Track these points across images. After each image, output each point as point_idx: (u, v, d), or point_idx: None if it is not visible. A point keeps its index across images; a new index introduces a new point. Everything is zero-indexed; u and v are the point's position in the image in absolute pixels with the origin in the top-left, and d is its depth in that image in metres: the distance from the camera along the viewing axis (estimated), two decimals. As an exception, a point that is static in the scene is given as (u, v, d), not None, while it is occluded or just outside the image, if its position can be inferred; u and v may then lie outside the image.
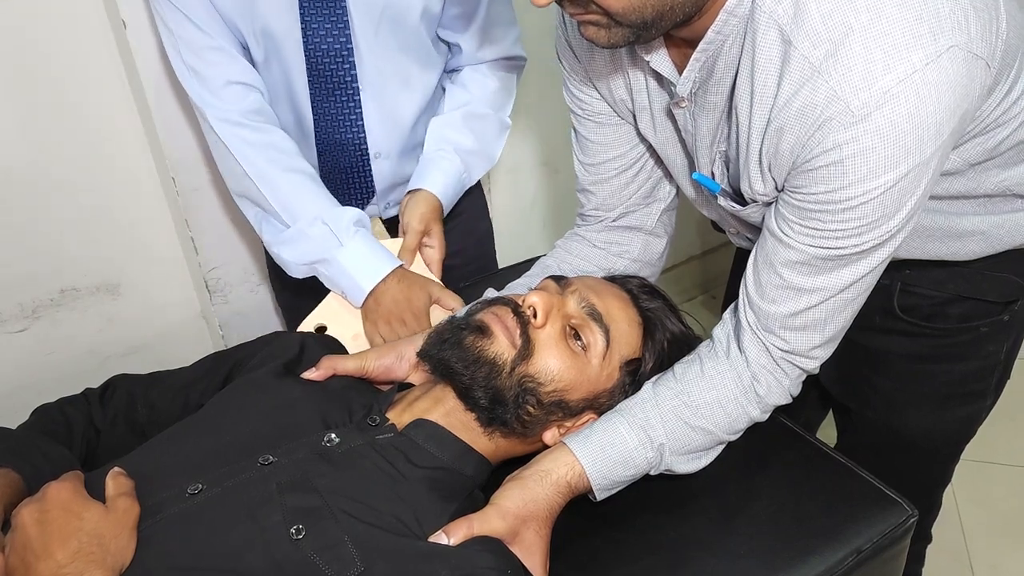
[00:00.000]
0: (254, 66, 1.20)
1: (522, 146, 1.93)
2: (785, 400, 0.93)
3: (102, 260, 1.47)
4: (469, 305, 1.05)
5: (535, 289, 0.96)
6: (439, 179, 1.29)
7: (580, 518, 0.93)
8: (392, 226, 1.36)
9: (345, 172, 1.31)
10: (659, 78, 0.92)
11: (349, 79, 1.21)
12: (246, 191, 1.21)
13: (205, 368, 1.05)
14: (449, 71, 1.37)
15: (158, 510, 0.79)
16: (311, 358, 1.02)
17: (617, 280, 1.03)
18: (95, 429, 0.99)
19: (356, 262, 1.17)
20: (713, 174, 0.94)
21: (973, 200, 0.95)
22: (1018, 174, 0.93)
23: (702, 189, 1.00)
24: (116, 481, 0.79)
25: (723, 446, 0.95)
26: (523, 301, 0.93)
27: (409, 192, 1.30)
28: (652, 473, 0.92)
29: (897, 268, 0.88)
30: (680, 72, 0.86)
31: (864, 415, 1.21)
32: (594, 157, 1.08)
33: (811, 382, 0.95)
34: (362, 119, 1.26)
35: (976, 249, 0.99)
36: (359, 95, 1.24)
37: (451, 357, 0.90)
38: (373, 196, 1.35)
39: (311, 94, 1.23)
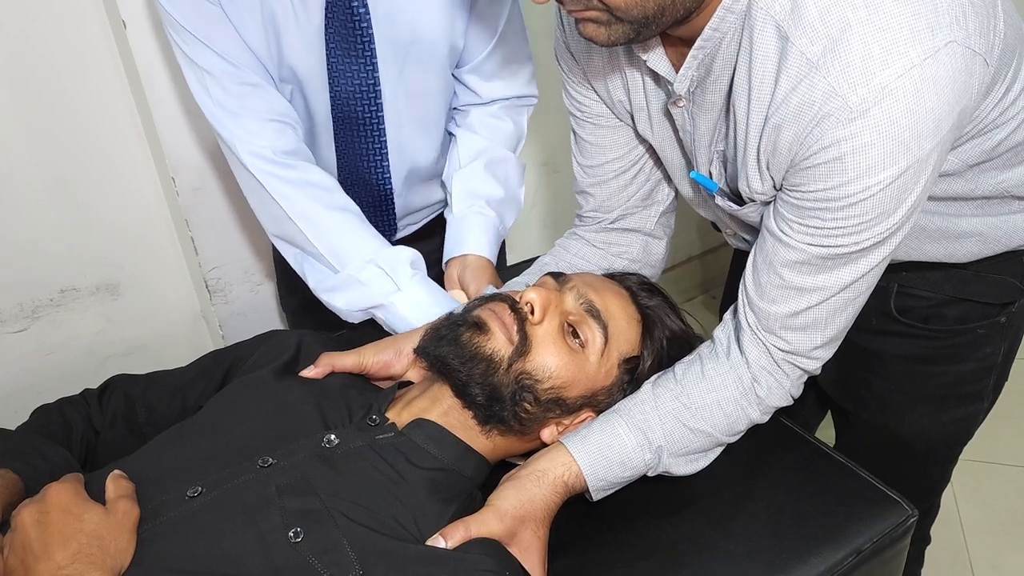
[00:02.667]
0: None
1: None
2: (786, 402, 0.92)
3: (102, 260, 1.47)
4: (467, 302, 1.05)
5: (533, 285, 0.95)
6: (482, 239, 1.22)
7: (579, 518, 0.93)
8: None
9: (368, 210, 1.25)
10: (656, 78, 0.91)
11: (376, 120, 1.18)
12: (287, 234, 1.16)
13: (202, 368, 1.05)
14: (454, 108, 1.31)
15: (157, 513, 0.79)
16: (308, 355, 1.01)
17: (616, 277, 1.03)
18: (94, 430, 0.99)
19: (415, 307, 1.11)
20: (711, 174, 0.94)
21: (971, 202, 0.95)
22: (1016, 176, 0.93)
23: (700, 189, 1.00)
24: (116, 483, 0.79)
25: (721, 448, 0.95)
26: (521, 297, 0.92)
27: (456, 257, 1.23)
28: (649, 474, 0.91)
29: (894, 270, 0.88)
30: (677, 71, 0.86)
31: (861, 417, 1.21)
32: (593, 159, 1.08)
33: (809, 384, 0.95)
34: (387, 159, 1.23)
35: (973, 251, 0.99)
36: (384, 136, 1.20)
37: (448, 354, 0.90)
38: (395, 235, 1.31)
39: (335, 133, 1.20)
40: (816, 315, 0.85)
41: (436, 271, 1.23)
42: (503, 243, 1.52)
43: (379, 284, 1.11)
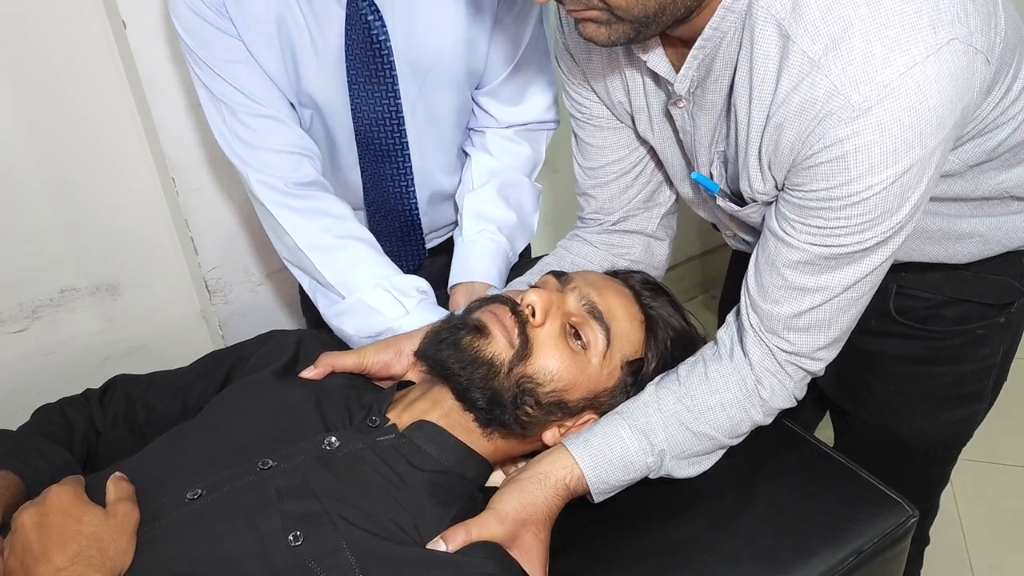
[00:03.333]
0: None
1: (522, 146, 1.93)
2: (789, 403, 0.92)
3: (102, 260, 1.47)
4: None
5: (534, 286, 0.95)
6: (491, 267, 1.20)
7: (580, 519, 0.93)
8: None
9: (396, 235, 1.26)
10: (656, 78, 0.91)
11: (399, 146, 1.17)
12: (298, 262, 1.16)
13: (203, 368, 1.05)
14: (470, 129, 1.28)
15: (157, 515, 0.79)
16: (308, 356, 1.01)
17: (619, 275, 1.02)
18: (95, 431, 0.99)
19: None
20: (711, 174, 0.94)
21: (971, 202, 0.95)
22: (1015, 176, 0.93)
23: (700, 190, 1.00)
24: (116, 485, 0.79)
25: (723, 451, 0.94)
26: (522, 299, 0.91)
27: (463, 284, 1.20)
28: (651, 477, 0.91)
29: (893, 271, 0.88)
30: (677, 71, 0.85)
31: (860, 418, 1.21)
32: (593, 161, 1.07)
33: (808, 384, 0.95)
34: (412, 184, 1.21)
35: (973, 251, 0.99)
36: (409, 161, 1.18)
37: (448, 358, 0.89)
38: (424, 258, 1.30)
39: (360, 161, 1.18)
40: (819, 315, 0.85)
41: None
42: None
43: (388, 308, 1.10)
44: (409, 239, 1.28)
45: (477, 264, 1.20)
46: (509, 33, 1.14)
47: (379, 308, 1.10)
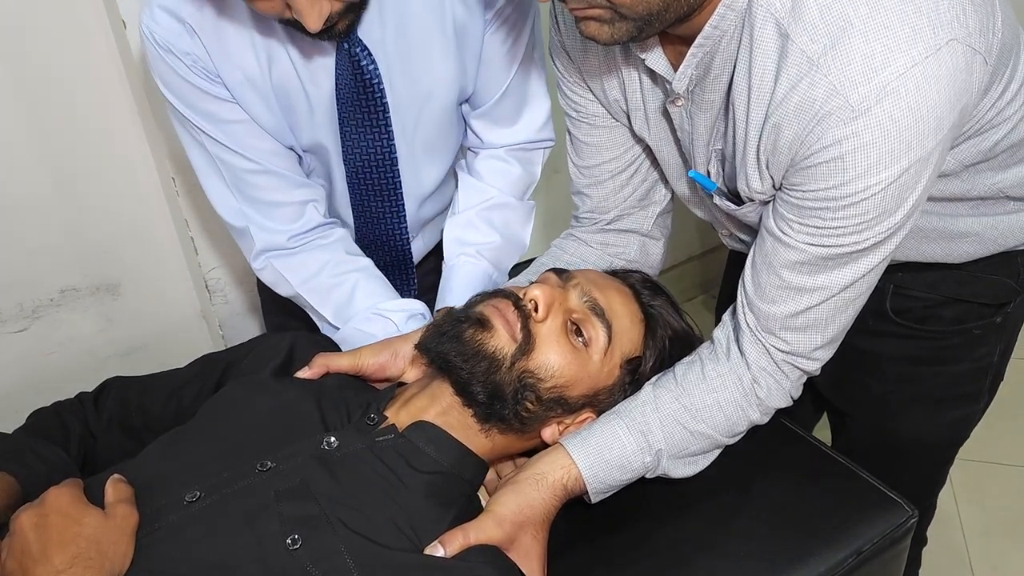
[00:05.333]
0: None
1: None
2: (786, 402, 0.92)
3: (102, 260, 1.47)
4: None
5: (536, 282, 0.94)
6: (467, 290, 1.17)
7: (579, 519, 0.93)
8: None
9: (387, 268, 1.24)
10: (653, 77, 0.91)
11: (392, 185, 1.16)
12: (298, 299, 1.18)
13: (196, 370, 1.04)
14: (464, 147, 1.27)
15: (156, 518, 0.79)
16: (302, 357, 1.01)
17: (619, 275, 1.02)
18: (91, 434, 0.99)
19: None
20: (709, 173, 0.94)
21: (967, 202, 0.95)
22: (1012, 176, 0.93)
23: (697, 189, 0.99)
24: (115, 488, 0.79)
25: (720, 450, 0.94)
26: (524, 294, 0.91)
27: (441, 309, 1.16)
28: (648, 476, 0.91)
29: (890, 271, 0.88)
30: (675, 70, 0.85)
31: (857, 418, 1.21)
32: (589, 159, 1.07)
33: (805, 384, 0.95)
34: (405, 220, 1.20)
35: (970, 251, 0.99)
36: (402, 199, 1.18)
37: (450, 351, 0.88)
38: (415, 292, 1.30)
39: (352, 200, 1.18)
40: (816, 315, 0.85)
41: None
42: None
43: (379, 330, 1.11)
44: (400, 271, 1.28)
45: (455, 288, 1.19)
46: (499, 56, 1.13)
47: (372, 332, 1.11)
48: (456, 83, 1.11)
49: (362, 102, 1.07)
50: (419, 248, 1.30)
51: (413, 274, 1.28)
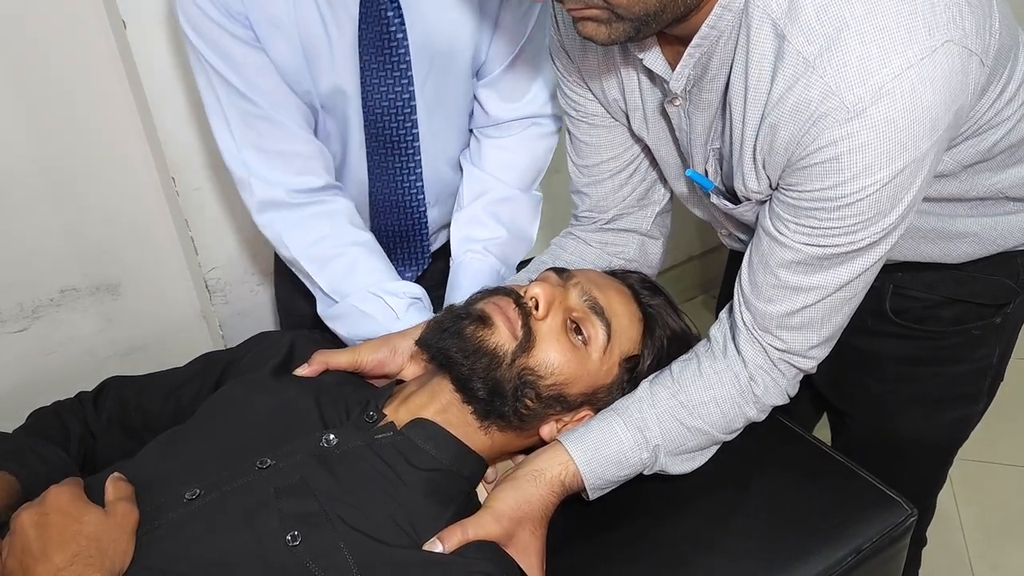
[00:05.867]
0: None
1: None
2: (783, 400, 0.92)
3: (102, 260, 1.47)
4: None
5: (536, 280, 0.95)
6: (475, 286, 1.15)
7: (578, 517, 0.93)
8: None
9: (400, 236, 1.25)
10: (652, 76, 0.91)
11: (410, 137, 1.15)
12: (296, 267, 1.17)
13: (196, 370, 1.04)
14: (470, 130, 1.26)
15: (156, 516, 0.79)
16: (302, 355, 1.01)
17: (618, 275, 1.02)
18: (91, 434, 0.99)
19: None
20: (707, 172, 0.94)
21: (965, 203, 0.95)
22: (1010, 177, 0.93)
23: (695, 187, 1.00)
24: (116, 486, 0.79)
25: (717, 447, 0.95)
26: (525, 292, 0.92)
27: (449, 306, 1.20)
28: (646, 473, 0.91)
29: (889, 271, 0.88)
30: (673, 69, 0.85)
31: (857, 418, 1.21)
32: (588, 159, 1.07)
33: (805, 384, 0.95)
34: (421, 178, 1.19)
35: (968, 251, 0.99)
36: (419, 154, 1.17)
37: (451, 347, 0.89)
38: (429, 261, 1.29)
39: (368, 153, 1.17)
40: (812, 314, 0.85)
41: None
42: None
43: (379, 313, 1.11)
44: (413, 238, 1.26)
45: (465, 284, 1.19)
46: (512, 25, 1.14)
47: (371, 313, 1.11)
48: (472, 41, 1.12)
49: (384, 44, 1.07)
50: (435, 218, 1.28)
51: (427, 242, 1.26)
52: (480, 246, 1.22)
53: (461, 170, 1.27)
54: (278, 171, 1.11)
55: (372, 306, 1.11)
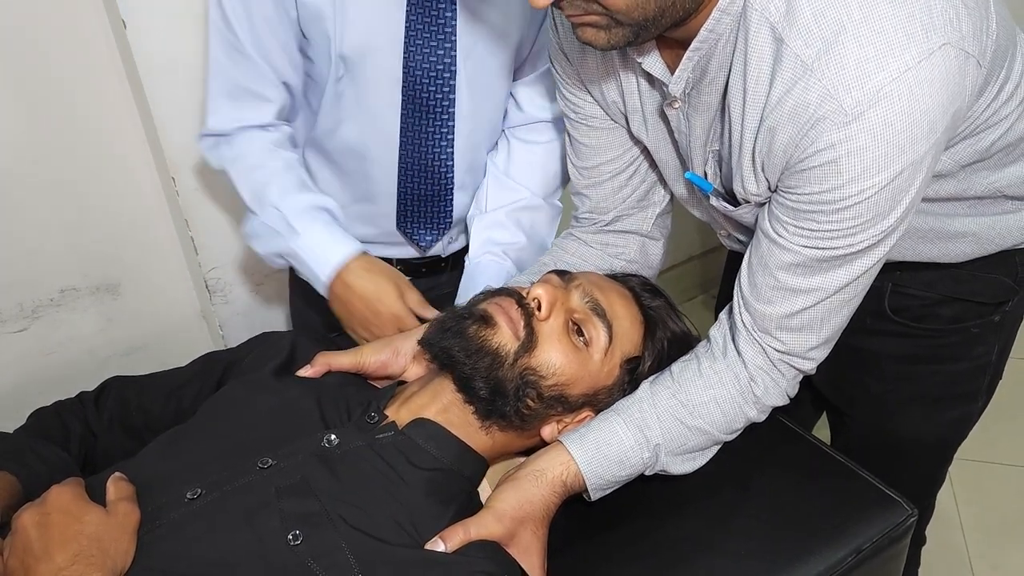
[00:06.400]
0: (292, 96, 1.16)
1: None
2: (783, 401, 0.93)
3: (102, 260, 1.47)
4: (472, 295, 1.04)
5: (539, 281, 0.96)
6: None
7: (579, 517, 0.93)
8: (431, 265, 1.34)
9: (425, 200, 1.24)
10: (650, 79, 0.91)
11: (447, 103, 1.15)
12: (225, 176, 1.17)
13: (197, 370, 1.05)
14: (502, 130, 1.27)
15: (157, 516, 0.79)
16: (303, 356, 1.01)
17: (619, 278, 1.03)
18: (92, 434, 0.99)
19: (313, 251, 1.09)
20: (706, 174, 0.94)
21: (964, 202, 0.95)
22: (1008, 176, 0.93)
23: (694, 189, 1.00)
24: (117, 485, 0.80)
25: (718, 447, 0.95)
26: (527, 293, 0.92)
27: None
28: (647, 473, 0.92)
29: (888, 270, 0.88)
30: (672, 72, 0.86)
31: (856, 417, 1.21)
32: (588, 160, 1.08)
33: (804, 384, 0.96)
34: (452, 146, 1.19)
35: (967, 250, 1.00)
36: (453, 120, 1.17)
37: (453, 346, 0.90)
38: (450, 227, 1.29)
39: (403, 114, 1.16)
40: (811, 316, 0.85)
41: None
42: None
43: (281, 228, 1.11)
44: (438, 203, 1.25)
45: (481, 284, 1.19)
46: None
47: (277, 229, 1.11)
48: (518, 32, 1.13)
49: (431, 8, 1.08)
50: (460, 201, 1.27)
51: (450, 207, 1.26)
52: (500, 249, 1.23)
53: (490, 148, 1.28)
54: (243, 110, 1.13)
55: (273, 220, 1.11)
